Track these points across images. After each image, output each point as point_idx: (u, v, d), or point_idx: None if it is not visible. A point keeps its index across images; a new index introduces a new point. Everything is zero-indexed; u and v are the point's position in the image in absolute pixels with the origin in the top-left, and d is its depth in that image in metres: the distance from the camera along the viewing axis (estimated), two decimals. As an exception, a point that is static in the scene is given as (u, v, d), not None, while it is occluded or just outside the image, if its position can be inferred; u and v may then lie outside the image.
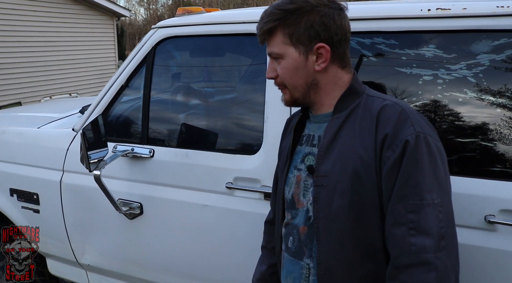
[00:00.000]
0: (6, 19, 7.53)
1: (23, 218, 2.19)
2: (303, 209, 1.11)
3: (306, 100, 1.11)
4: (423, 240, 0.92)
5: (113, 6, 10.47)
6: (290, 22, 1.03)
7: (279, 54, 1.07)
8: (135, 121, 1.94)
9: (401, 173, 0.95)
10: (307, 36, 1.03)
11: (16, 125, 2.31)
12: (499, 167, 1.29)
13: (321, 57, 1.05)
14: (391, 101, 1.04)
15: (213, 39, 1.80)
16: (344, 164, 1.01)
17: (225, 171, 1.67)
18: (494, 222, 1.26)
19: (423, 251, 0.91)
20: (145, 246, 1.89)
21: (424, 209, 0.93)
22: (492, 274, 1.28)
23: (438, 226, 0.93)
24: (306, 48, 1.04)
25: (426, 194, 0.93)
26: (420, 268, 0.91)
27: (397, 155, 0.96)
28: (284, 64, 1.07)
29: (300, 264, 1.12)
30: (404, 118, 0.98)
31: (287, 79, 1.08)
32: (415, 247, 0.92)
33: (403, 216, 0.94)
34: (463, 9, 1.34)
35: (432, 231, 0.92)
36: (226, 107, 1.86)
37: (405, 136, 0.96)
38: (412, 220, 0.93)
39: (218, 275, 1.75)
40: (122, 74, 1.90)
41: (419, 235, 0.92)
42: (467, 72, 1.34)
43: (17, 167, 2.17)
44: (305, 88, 1.08)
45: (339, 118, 1.06)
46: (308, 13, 1.02)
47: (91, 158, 1.61)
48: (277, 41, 1.06)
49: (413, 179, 0.94)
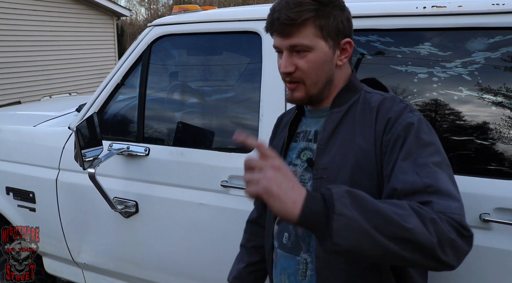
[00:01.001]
0: (6, 19, 7.53)
1: (19, 216, 2.18)
2: None
3: (319, 97, 1.08)
4: (448, 202, 0.83)
5: (113, 6, 10.47)
6: (324, 14, 1.00)
7: (308, 47, 1.01)
8: (131, 119, 1.94)
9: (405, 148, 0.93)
10: (336, 31, 1.02)
11: (13, 123, 2.31)
12: (494, 165, 1.28)
13: (345, 53, 1.06)
14: (391, 95, 1.06)
15: (209, 37, 1.80)
16: (344, 156, 1.01)
17: (220, 170, 1.66)
18: (489, 221, 1.26)
19: (449, 210, 0.81)
20: (140, 245, 1.89)
21: (439, 174, 0.88)
22: (487, 272, 1.27)
23: (457, 190, 0.89)
24: (334, 42, 1.03)
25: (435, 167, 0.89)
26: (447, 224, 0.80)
27: (396, 136, 0.95)
28: (312, 57, 1.02)
29: (296, 260, 1.11)
30: (403, 107, 1.00)
31: (311, 74, 1.03)
32: (439, 206, 0.82)
33: (418, 182, 0.87)
34: (459, 6, 1.33)
35: (456, 195, 0.86)
36: (222, 105, 1.86)
37: (404, 119, 0.97)
38: (431, 184, 0.86)
39: (213, 273, 1.75)
40: (118, 72, 1.90)
41: (442, 197, 0.84)
42: (462, 70, 1.34)
43: (13, 166, 2.16)
44: (324, 84, 1.06)
45: (339, 113, 1.06)
46: (337, 7, 1.03)
47: (85, 156, 1.61)
48: (308, 33, 1.00)
49: (420, 153, 0.91)
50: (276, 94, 1.58)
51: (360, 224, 0.76)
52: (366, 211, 0.77)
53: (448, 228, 0.79)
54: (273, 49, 1.56)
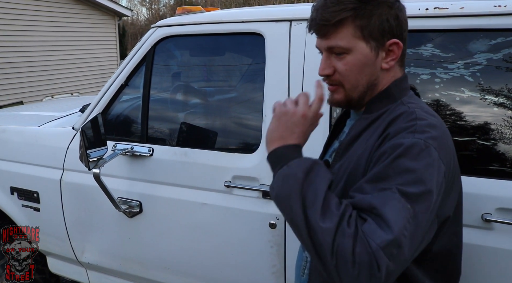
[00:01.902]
0: (8, 19, 7.55)
1: (23, 216, 2.20)
2: None
3: (360, 102, 1.01)
4: (378, 229, 0.77)
5: (115, 6, 10.49)
6: (364, 13, 0.92)
7: (346, 49, 0.94)
8: (135, 120, 1.95)
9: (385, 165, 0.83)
10: (381, 31, 0.93)
11: (17, 124, 2.33)
12: (496, 166, 1.29)
13: (392, 55, 0.96)
14: (413, 109, 0.92)
15: (212, 38, 1.81)
16: (348, 165, 0.97)
17: (224, 170, 1.67)
18: (491, 221, 1.27)
19: (371, 235, 0.76)
20: (144, 244, 1.90)
21: (394, 202, 0.79)
22: (489, 272, 1.28)
23: (403, 228, 0.77)
24: (378, 44, 0.94)
25: (401, 196, 0.80)
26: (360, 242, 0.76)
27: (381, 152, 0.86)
28: (350, 59, 0.95)
29: (302, 255, 1.14)
30: (409, 125, 0.88)
31: (350, 77, 0.97)
32: (369, 227, 0.77)
33: (365, 201, 0.81)
34: (461, 8, 1.34)
35: (395, 226, 0.76)
36: (225, 106, 1.87)
37: (398, 139, 0.86)
38: (376, 206, 0.79)
39: (216, 273, 1.76)
40: (122, 73, 1.91)
41: (378, 223, 0.78)
42: (464, 71, 1.34)
43: (18, 166, 2.17)
44: (366, 88, 0.98)
45: (366, 120, 0.98)
46: (383, 5, 0.93)
47: (90, 156, 1.62)
48: (346, 33, 0.93)
49: (396, 177, 0.82)
50: (279, 95, 1.59)
51: (294, 187, 0.84)
52: (308, 184, 0.84)
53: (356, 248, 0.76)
54: (276, 50, 1.58)
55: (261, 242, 1.62)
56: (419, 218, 0.80)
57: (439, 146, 0.86)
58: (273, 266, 1.63)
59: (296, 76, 1.56)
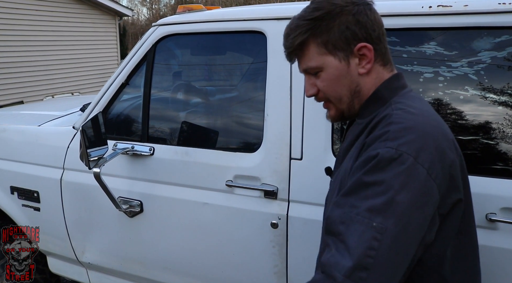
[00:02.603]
0: (8, 18, 7.55)
1: (23, 216, 2.19)
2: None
3: (352, 112, 1.01)
4: (341, 258, 0.78)
5: (116, 6, 10.48)
6: (322, 29, 0.95)
7: (317, 68, 0.98)
8: (135, 119, 1.94)
9: (355, 180, 0.84)
10: (344, 39, 0.94)
11: (17, 123, 2.32)
12: (501, 165, 1.28)
13: (365, 58, 0.96)
14: (395, 112, 0.89)
15: (214, 37, 1.80)
16: (341, 172, 0.97)
17: (225, 169, 1.66)
18: (495, 220, 1.26)
19: (335, 267, 0.79)
20: (145, 244, 1.89)
21: (355, 225, 0.79)
22: (494, 272, 1.27)
23: (364, 251, 0.77)
24: (346, 52, 0.95)
25: (365, 212, 0.79)
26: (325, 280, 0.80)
27: (356, 166, 0.86)
28: (324, 76, 0.98)
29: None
30: (383, 132, 0.85)
31: (330, 92, 0.99)
32: (333, 259, 0.80)
33: (335, 227, 0.83)
34: (465, 6, 1.33)
35: (355, 252, 0.77)
36: (226, 105, 1.86)
37: (371, 150, 0.84)
38: (341, 232, 0.81)
39: (217, 273, 1.75)
40: (123, 72, 1.90)
41: (341, 251, 0.79)
42: (468, 70, 1.33)
43: (18, 165, 2.17)
44: (350, 97, 0.99)
45: (360, 125, 0.98)
46: (339, 15, 0.94)
47: (90, 155, 1.61)
48: (312, 53, 0.97)
49: (360, 191, 0.82)
50: (281, 94, 1.58)
51: None
52: None
53: None
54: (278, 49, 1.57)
55: (263, 242, 1.61)
56: (393, 231, 0.78)
57: (416, 150, 0.82)
58: (275, 266, 1.62)
59: (298, 74, 1.55)
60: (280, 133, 1.58)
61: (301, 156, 1.54)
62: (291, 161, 1.56)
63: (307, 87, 1.02)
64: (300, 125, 1.54)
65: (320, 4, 0.95)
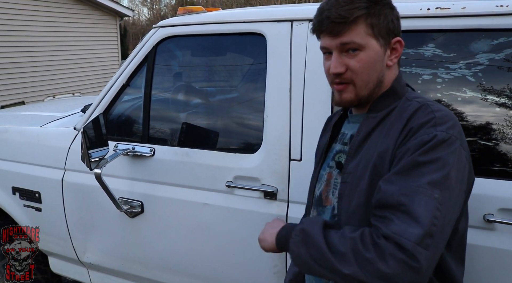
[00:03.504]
0: (9, 19, 7.56)
1: (25, 216, 2.20)
2: (330, 207, 1.11)
3: (369, 99, 1.05)
4: (408, 226, 0.84)
5: (116, 6, 10.49)
6: (375, 12, 0.98)
7: (360, 45, 0.98)
8: (136, 120, 1.95)
9: (405, 163, 0.90)
10: (387, 29, 1.00)
11: (19, 124, 2.33)
12: (498, 166, 1.29)
13: (395, 52, 1.04)
14: (426, 103, 0.98)
15: (214, 39, 1.81)
16: (367, 162, 1.00)
17: (225, 170, 1.67)
18: (493, 221, 1.26)
19: (403, 234, 0.83)
20: (146, 245, 1.90)
21: (421, 196, 0.85)
22: (491, 273, 1.28)
23: (431, 220, 0.84)
24: (385, 42, 1.01)
25: (427, 186, 0.86)
26: (394, 248, 0.84)
27: (407, 147, 0.92)
28: (363, 56, 0.99)
29: None
30: (429, 119, 0.93)
31: (363, 74, 1.00)
32: (396, 228, 0.85)
33: (394, 198, 0.87)
34: (462, 8, 1.34)
35: (423, 220, 0.83)
36: (227, 106, 1.87)
37: (422, 135, 0.91)
38: (404, 202, 0.86)
39: (218, 274, 1.76)
40: (123, 73, 1.91)
41: (406, 220, 0.85)
42: (466, 71, 1.34)
43: (19, 166, 2.18)
44: (375, 84, 1.03)
45: (375, 119, 1.03)
46: (387, 5, 1.01)
47: (92, 156, 1.62)
48: (360, 30, 0.98)
49: (419, 170, 0.88)
50: (281, 95, 1.59)
51: (304, 258, 0.97)
52: (311, 248, 0.95)
53: (388, 261, 0.84)
54: (278, 50, 1.58)
55: (263, 242, 1.62)
56: (447, 203, 0.87)
57: (458, 133, 0.93)
58: (274, 266, 1.63)
59: (298, 76, 1.56)
60: (279, 134, 1.59)
61: (300, 157, 1.55)
62: (291, 162, 1.57)
63: (336, 64, 1.00)
64: (299, 126, 1.56)
65: None
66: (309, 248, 0.95)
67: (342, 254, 0.89)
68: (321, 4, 1.02)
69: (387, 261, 0.83)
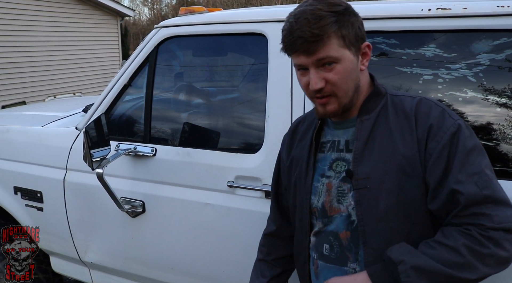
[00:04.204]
0: (10, 19, 7.57)
1: (27, 216, 2.21)
2: (341, 215, 1.09)
3: (350, 106, 1.07)
4: (505, 212, 0.94)
5: (117, 6, 10.51)
6: (344, 24, 1.00)
7: (336, 58, 1.00)
8: (138, 120, 1.96)
9: (457, 159, 0.97)
10: (355, 37, 1.03)
11: (20, 124, 2.33)
12: (499, 166, 1.29)
13: (366, 56, 1.07)
14: (420, 97, 1.07)
15: (215, 39, 1.81)
16: (386, 164, 1.02)
17: (226, 170, 1.68)
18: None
19: (506, 220, 0.93)
20: (147, 244, 1.90)
21: (493, 182, 0.97)
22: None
23: (505, 193, 0.97)
24: (356, 49, 1.04)
25: (487, 170, 0.98)
26: (506, 235, 0.93)
27: (442, 145, 0.99)
28: (340, 68, 1.01)
29: (343, 270, 1.10)
30: (440, 111, 1.02)
31: (342, 85, 1.02)
32: (498, 218, 0.93)
33: (479, 194, 0.95)
34: (464, 8, 1.34)
35: (507, 201, 0.96)
36: (228, 106, 1.87)
37: (448, 127, 0.99)
38: (489, 195, 0.95)
39: (219, 273, 1.77)
40: (125, 74, 1.92)
41: (499, 206, 0.95)
42: (467, 72, 1.35)
43: (21, 166, 2.18)
44: (354, 91, 1.06)
45: (369, 120, 1.06)
46: (352, 14, 1.03)
47: (93, 156, 1.63)
48: (333, 45, 0.99)
49: (472, 161, 0.98)
50: (282, 95, 1.59)
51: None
52: (432, 277, 0.94)
53: (505, 246, 0.93)
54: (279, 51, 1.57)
55: (264, 242, 1.62)
56: (492, 171, 1.02)
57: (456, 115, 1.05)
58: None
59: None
60: (281, 134, 1.58)
61: (301, 157, 1.55)
62: (292, 162, 1.57)
63: (315, 80, 1.01)
64: (300, 126, 1.56)
65: (336, 0, 1.02)
66: (430, 278, 0.95)
67: (462, 264, 0.93)
68: (288, 23, 1.01)
69: (505, 247, 0.92)
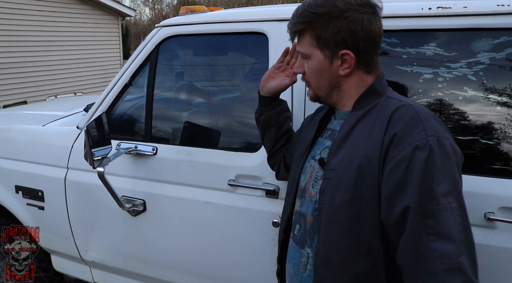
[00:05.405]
0: (11, 19, 7.58)
1: (28, 215, 2.21)
2: (311, 199, 1.14)
3: (328, 100, 1.15)
4: (445, 246, 0.89)
5: (118, 6, 10.51)
6: (318, 25, 1.05)
7: (305, 54, 1.11)
8: (139, 119, 1.96)
9: (413, 178, 0.92)
10: (334, 41, 1.05)
11: (21, 123, 2.34)
12: (499, 165, 1.29)
13: (346, 63, 1.07)
14: (407, 103, 1.01)
15: (216, 38, 1.82)
16: (350, 160, 1.02)
17: (227, 169, 1.68)
18: (494, 220, 1.27)
19: (446, 257, 0.88)
20: (148, 243, 1.91)
21: (442, 214, 0.90)
22: (492, 271, 1.28)
23: (457, 229, 0.90)
24: (332, 53, 1.06)
25: (442, 199, 0.90)
26: (445, 274, 0.88)
27: (402, 157, 0.93)
28: (310, 64, 1.11)
29: (301, 252, 1.15)
30: (415, 122, 0.95)
31: (311, 79, 1.13)
32: (437, 253, 0.89)
33: (420, 222, 0.91)
34: (464, 7, 1.35)
35: (453, 235, 0.89)
36: (229, 105, 1.88)
37: (415, 140, 0.93)
38: (431, 225, 0.90)
39: (220, 272, 1.77)
40: (126, 73, 1.92)
41: (440, 240, 0.89)
42: (467, 71, 1.35)
43: (22, 165, 2.19)
44: (328, 89, 1.12)
45: (355, 116, 1.07)
46: (336, 18, 1.03)
47: (95, 155, 1.63)
48: (305, 42, 1.09)
49: (427, 184, 0.91)
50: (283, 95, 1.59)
51: None
52: None
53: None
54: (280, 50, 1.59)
55: (265, 241, 1.63)
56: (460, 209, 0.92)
57: (445, 130, 0.97)
58: (276, 264, 1.64)
59: (299, 75, 1.56)
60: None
61: (302, 155, 1.56)
62: (292, 160, 1.57)
63: (298, 64, 1.17)
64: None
65: (325, 2, 1.04)
66: None
67: None
68: None
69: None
